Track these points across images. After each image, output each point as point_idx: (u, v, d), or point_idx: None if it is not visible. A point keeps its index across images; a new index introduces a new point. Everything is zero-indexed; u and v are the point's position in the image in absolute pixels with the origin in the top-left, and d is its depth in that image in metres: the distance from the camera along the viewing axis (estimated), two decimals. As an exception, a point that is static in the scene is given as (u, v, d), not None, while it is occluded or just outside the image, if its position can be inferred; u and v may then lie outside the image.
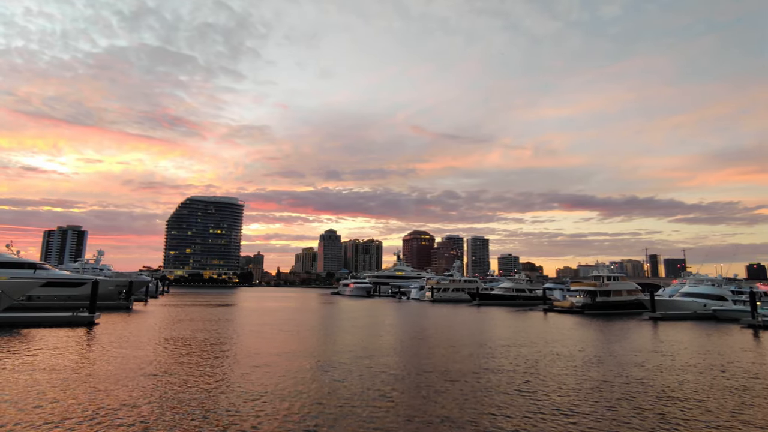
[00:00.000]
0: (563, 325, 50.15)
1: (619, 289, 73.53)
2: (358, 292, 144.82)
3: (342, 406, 15.95)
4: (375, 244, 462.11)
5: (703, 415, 15.77)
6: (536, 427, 14.06)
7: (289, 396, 17.26)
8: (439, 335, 39.21)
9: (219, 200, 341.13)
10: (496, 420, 14.77)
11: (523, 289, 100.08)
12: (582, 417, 15.23)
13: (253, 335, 36.88)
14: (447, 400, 17.15)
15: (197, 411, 15.08)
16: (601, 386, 19.92)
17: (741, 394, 19.17)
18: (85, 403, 15.73)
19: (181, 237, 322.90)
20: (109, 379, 19.49)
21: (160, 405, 15.65)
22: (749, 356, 29.92)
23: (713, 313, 60.06)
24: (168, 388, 18.14)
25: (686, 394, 18.90)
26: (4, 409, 14.77)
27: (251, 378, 20.33)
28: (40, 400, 15.87)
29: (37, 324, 38.61)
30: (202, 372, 21.45)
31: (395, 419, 14.63)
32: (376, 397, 17.32)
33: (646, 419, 15.14)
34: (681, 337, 40.27)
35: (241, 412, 15.01)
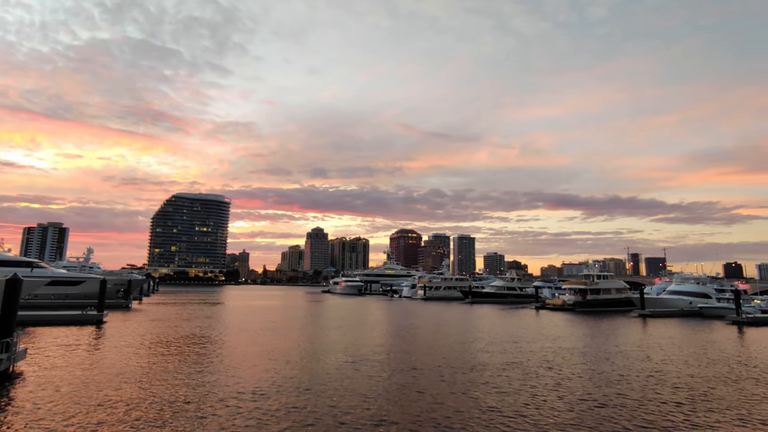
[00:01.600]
0: (558, 322, 52.02)
1: (609, 288, 76.10)
2: (349, 291, 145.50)
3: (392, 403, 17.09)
4: (362, 242, 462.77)
5: (711, 403, 17.36)
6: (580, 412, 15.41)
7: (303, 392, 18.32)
8: (444, 332, 40.54)
9: (205, 197, 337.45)
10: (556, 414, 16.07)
11: (514, 288, 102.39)
12: (613, 407, 16.65)
13: (263, 332, 37.68)
14: (491, 391, 18.43)
15: (248, 401, 16.07)
16: (620, 379, 21.45)
17: (736, 382, 20.90)
18: (143, 399, 16.58)
19: (166, 234, 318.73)
20: (146, 375, 20.27)
21: (205, 397, 16.59)
22: (740, 350, 31.96)
23: (699, 310, 62.82)
24: (208, 382, 19.05)
25: (693, 383, 20.54)
26: (77, 409, 15.53)
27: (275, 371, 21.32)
28: (99, 397, 16.66)
29: (48, 322, 38.78)
30: (228, 367, 22.34)
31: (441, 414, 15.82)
32: (406, 394, 18.51)
33: (668, 406, 16.64)
34: (672, 333, 42.36)
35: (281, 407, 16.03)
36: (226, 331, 37.71)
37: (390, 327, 44.81)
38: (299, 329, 41.28)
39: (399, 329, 42.79)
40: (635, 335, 40.50)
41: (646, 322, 53.33)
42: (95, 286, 64.90)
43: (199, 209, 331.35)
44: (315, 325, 46.45)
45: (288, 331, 39.12)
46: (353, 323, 48.60)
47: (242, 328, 40.43)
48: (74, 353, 25.21)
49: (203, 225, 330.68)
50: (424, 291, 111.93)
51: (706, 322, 53.73)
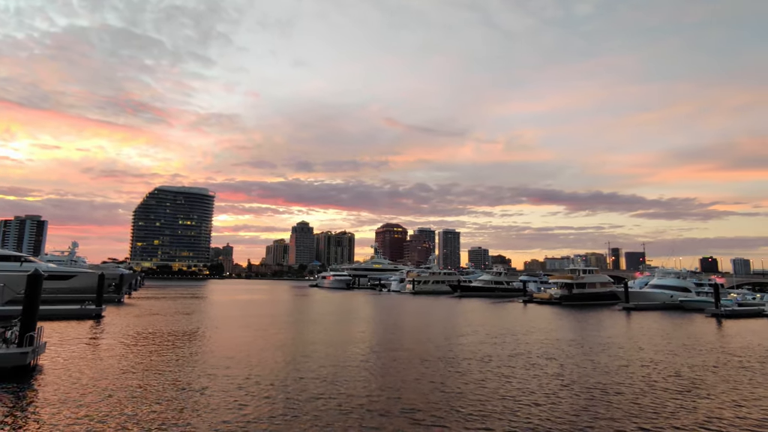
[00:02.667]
0: (548, 315, 53.80)
1: (594, 282, 78.56)
2: (337, 285, 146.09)
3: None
4: (347, 236, 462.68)
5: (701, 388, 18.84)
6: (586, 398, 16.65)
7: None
8: (442, 326, 41.72)
9: (189, 191, 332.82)
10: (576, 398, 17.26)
11: (501, 282, 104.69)
12: (623, 395, 17.96)
13: (263, 327, 38.32)
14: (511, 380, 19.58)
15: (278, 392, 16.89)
16: (619, 369, 22.87)
17: (721, 370, 22.53)
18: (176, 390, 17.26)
19: (148, 228, 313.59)
20: (162, 367, 20.89)
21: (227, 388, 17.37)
22: (721, 340, 33.94)
23: (680, 304, 65.52)
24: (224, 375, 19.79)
25: (684, 371, 22.08)
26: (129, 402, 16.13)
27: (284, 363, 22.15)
28: (122, 388, 17.27)
29: (47, 317, 38.57)
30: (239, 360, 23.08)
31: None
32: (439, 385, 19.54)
33: (667, 393, 18.04)
34: (657, 325, 44.39)
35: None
36: (228, 326, 38.23)
37: (387, 321, 45.82)
38: (303, 323, 41.99)
39: (397, 323, 43.84)
40: (624, 327, 42.37)
41: (631, 315, 55.53)
42: (86, 281, 64.52)
43: (183, 202, 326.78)
44: (315, 319, 47.14)
45: (290, 325, 39.81)
46: (350, 317, 49.45)
47: (241, 323, 40.95)
48: (88, 347, 25.57)
49: (187, 218, 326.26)
50: (413, 285, 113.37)
51: (687, 315, 56.19)
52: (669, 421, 14.36)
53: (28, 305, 20.02)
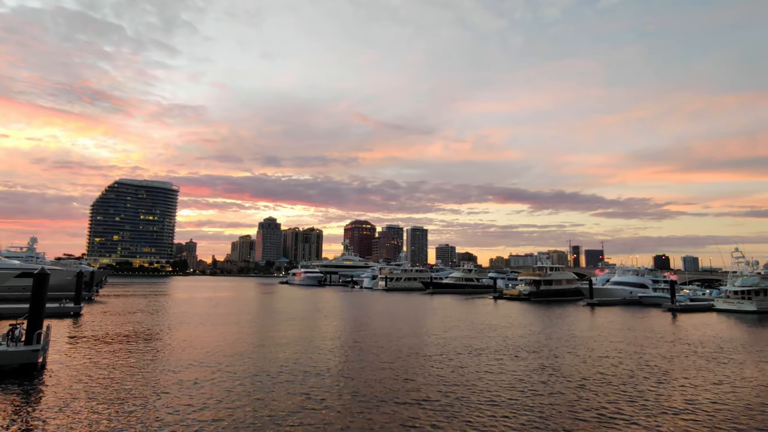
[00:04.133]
0: (520, 311, 56.57)
1: (560, 279, 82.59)
2: (308, 282, 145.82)
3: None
4: (315, 232, 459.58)
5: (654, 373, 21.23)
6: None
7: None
8: (423, 321, 43.43)
9: (151, 184, 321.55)
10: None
11: (471, 279, 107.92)
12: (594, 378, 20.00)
13: (242, 324, 38.84)
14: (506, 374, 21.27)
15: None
16: (600, 358, 25.11)
17: (681, 357, 25.22)
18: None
19: (107, 223, 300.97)
20: (157, 362, 21.46)
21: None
22: (679, 332, 37.25)
23: (639, 299, 70.11)
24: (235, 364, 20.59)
25: (650, 359, 24.57)
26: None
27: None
28: (131, 385, 17.85)
29: (23, 315, 37.56)
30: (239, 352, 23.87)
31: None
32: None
33: (637, 378, 20.24)
34: (621, 319, 47.75)
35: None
36: (207, 323, 38.50)
37: (367, 318, 47.09)
38: (288, 321, 42.66)
39: (376, 320, 45.18)
40: (592, 321, 45.41)
41: (595, 310, 59.11)
42: (55, 278, 62.34)
43: (145, 196, 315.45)
44: (296, 317, 47.81)
45: (275, 324, 40.46)
46: (329, 314, 50.39)
47: (226, 321, 41.25)
48: (86, 345, 25.57)
49: (149, 213, 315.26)
50: (385, 282, 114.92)
51: (645, 310, 60.36)
52: (638, 402, 16.40)
53: (35, 303, 20.06)
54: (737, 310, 56.54)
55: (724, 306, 58.61)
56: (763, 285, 58.25)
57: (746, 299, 56.92)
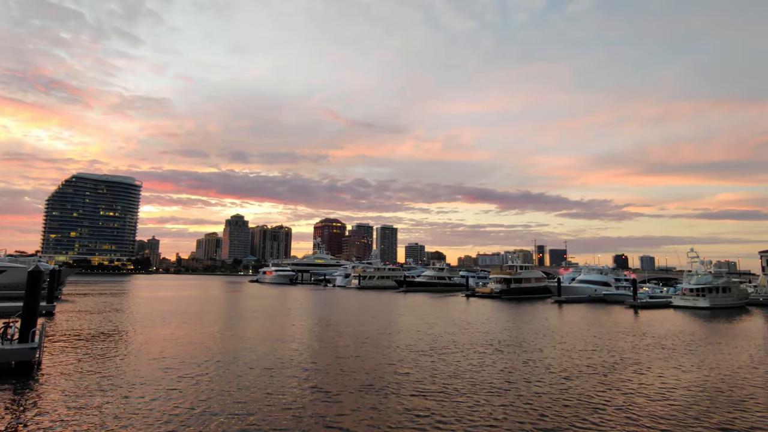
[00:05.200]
0: (494, 308, 58.65)
1: (530, 277, 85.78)
2: (280, 280, 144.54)
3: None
4: (284, 230, 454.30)
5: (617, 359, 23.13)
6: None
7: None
8: (404, 319, 44.56)
9: (112, 179, 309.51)
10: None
11: (444, 277, 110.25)
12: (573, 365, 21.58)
13: (228, 321, 38.90)
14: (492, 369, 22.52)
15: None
16: (579, 350, 26.85)
17: (644, 349, 27.39)
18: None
19: (64, 218, 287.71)
20: (150, 358, 21.64)
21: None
22: (641, 326, 39.93)
23: (603, 297, 73.87)
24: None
25: (620, 350, 26.56)
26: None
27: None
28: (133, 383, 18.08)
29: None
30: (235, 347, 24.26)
31: (455, 376, 19.55)
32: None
33: (611, 365, 21.98)
34: (590, 315, 50.47)
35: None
36: (184, 321, 38.31)
37: (348, 315, 47.81)
38: (272, 322, 42.82)
39: (359, 317, 45.98)
40: (563, 318, 47.81)
41: (562, 307, 61.99)
42: (16, 276, 59.82)
43: (105, 192, 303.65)
44: (281, 315, 47.94)
45: (258, 321, 40.61)
46: (313, 312, 50.76)
47: (208, 320, 41.05)
48: (75, 343, 25.17)
49: (109, 209, 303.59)
50: (359, 280, 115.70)
51: (609, 307, 63.75)
52: (620, 389, 18.02)
53: (29, 302, 19.77)
54: (693, 306, 60.66)
55: (680, 303, 62.72)
56: (716, 283, 62.72)
57: (701, 296, 61.16)
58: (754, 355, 26.33)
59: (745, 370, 22.18)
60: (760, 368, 22.59)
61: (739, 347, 29.30)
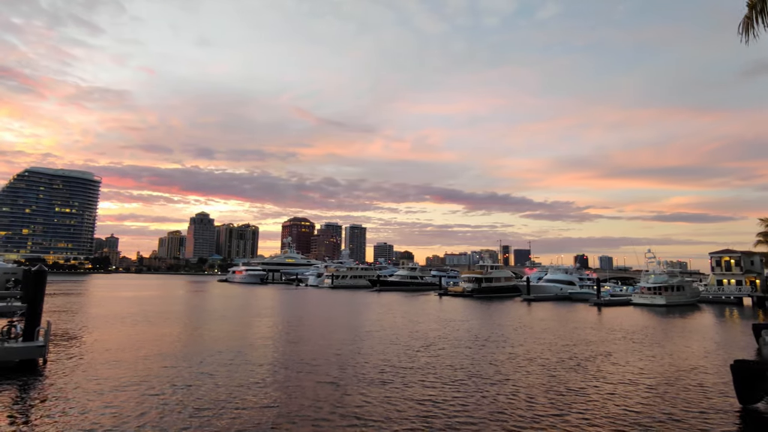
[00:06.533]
0: (467, 306, 61.01)
1: (500, 277, 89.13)
2: (250, 279, 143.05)
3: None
4: (251, 229, 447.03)
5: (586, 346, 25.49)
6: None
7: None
8: (389, 317, 46.02)
9: (68, 174, 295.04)
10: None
11: (416, 277, 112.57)
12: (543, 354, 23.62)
13: (218, 319, 39.24)
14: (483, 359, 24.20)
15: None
16: (550, 343, 29.04)
17: (610, 342, 30.01)
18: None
19: (15, 215, 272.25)
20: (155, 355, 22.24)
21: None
22: (605, 322, 43.02)
23: (569, 295, 77.86)
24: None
25: (589, 341, 28.99)
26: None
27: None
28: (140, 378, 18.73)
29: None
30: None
31: (450, 367, 21.13)
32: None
33: (588, 356, 24.18)
34: (557, 313, 53.52)
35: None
36: (168, 320, 38.41)
37: (329, 314, 48.83)
38: (250, 318, 43.25)
39: (342, 315, 47.10)
40: (535, 314, 50.53)
41: (531, 305, 65.09)
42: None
43: (60, 187, 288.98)
44: (263, 315, 48.33)
45: (239, 321, 41.05)
46: (293, 313, 51.42)
47: (194, 319, 41.13)
48: (71, 341, 25.16)
49: (65, 206, 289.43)
50: (332, 280, 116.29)
51: (574, 304, 67.39)
52: (596, 376, 20.13)
53: (33, 301, 19.92)
54: (650, 303, 65.05)
55: (639, 300, 67.12)
56: (671, 282, 67.48)
57: (657, 294, 65.67)
58: (707, 346, 29.37)
59: (700, 358, 24.93)
60: (711, 356, 25.41)
61: (694, 339, 32.47)
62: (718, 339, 33.14)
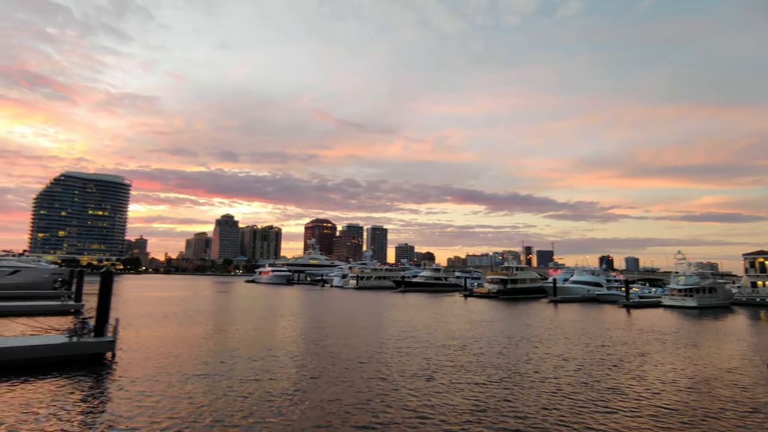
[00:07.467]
0: (494, 307, 61.40)
1: (525, 278, 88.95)
2: (277, 280, 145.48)
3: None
4: (274, 230, 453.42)
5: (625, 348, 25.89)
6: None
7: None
8: (423, 318, 46.98)
9: (101, 178, 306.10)
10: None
11: (440, 278, 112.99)
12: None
13: (260, 320, 40.92)
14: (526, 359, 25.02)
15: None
16: (587, 341, 29.55)
17: (644, 343, 30.24)
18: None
19: (52, 217, 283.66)
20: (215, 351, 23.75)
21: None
22: (637, 323, 42.95)
23: (596, 297, 77.25)
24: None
25: (627, 342, 29.35)
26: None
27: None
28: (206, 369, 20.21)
29: (27, 313, 37.63)
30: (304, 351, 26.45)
31: (488, 366, 22.03)
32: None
33: (624, 356, 24.69)
34: (588, 314, 53.45)
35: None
36: (213, 320, 40.24)
37: (364, 315, 50.06)
38: (285, 318, 44.87)
39: (375, 317, 48.29)
40: (565, 316, 50.66)
41: (558, 306, 64.94)
42: (30, 276, 60.91)
43: (94, 190, 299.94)
44: (299, 314, 49.96)
45: (281, 321, 42.66)
46: (320, 312, 52.87)
47: (242, 317, 42.95)
48: (133, 336, 27.05)
49: (98, 208, 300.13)
50: (356, 281, 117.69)
51: (603, 306, 66.94)
52: (614, 377, 20.70)
53: (103, 298, 21.71)
54: (681, 306, 64.18)
55: (670, 302, 66.25)
56: (703, 284, 66.39)
57: (689, 296, 64.74)
58: (742, 348, 29.37)
59: (737, 359, 25.10)
60: (747, 358, 25.53)
61: (729, 341, 32.41)
62: (753, 341, 33.00)
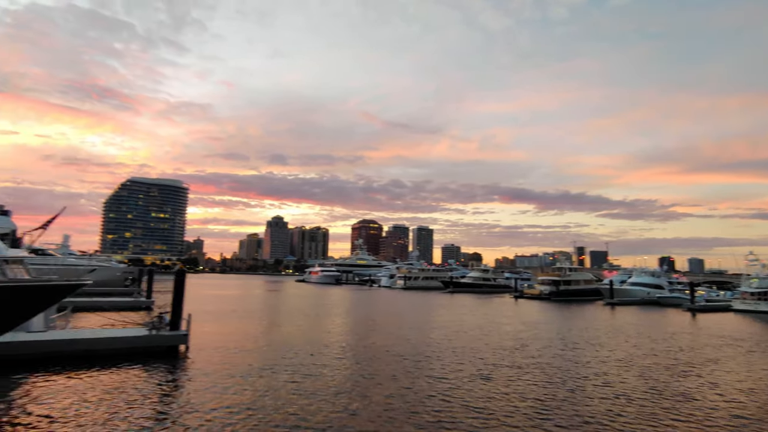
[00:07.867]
0: (549, 310, 59.79)
1: (579, 279, 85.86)
2: (326, 280, 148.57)
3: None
4: (322, 231, 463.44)
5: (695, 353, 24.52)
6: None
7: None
8: (479, 319, 46.75)
9: (162, 182, 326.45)
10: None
11: (489, 279, 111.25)
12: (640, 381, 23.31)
13: (312, 320, 42.29)
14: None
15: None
16: (652, 349, 28.44)
17: (715, 348, 28.51)
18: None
19: (119, 220, 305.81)
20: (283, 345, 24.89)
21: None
22: (705, 328, 40.49)
23: (657, 300, 73.31)
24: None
25: (695, 347, 27.87)
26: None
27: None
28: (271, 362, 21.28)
29: (107, 309, 40.87)
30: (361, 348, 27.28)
31: (546, 368, 21.77)
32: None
33: (693, 361, 23.53)
34: (649, 319, 50.96)
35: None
36: (285, 316, 41.93)
37: (418, 315, 50.44)
38: (346, 315, 46.10)
39: (429, 317, 48.55)
40: (624, 319, 48.62)
41: (615, 309, 62.18)
42: (104, 274, 66.01)
43: (156, 194, 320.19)
44: (357, 312, 51.17)
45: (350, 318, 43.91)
46: (377, 312, 53.70)
47: (306, 315, 44.64)
48: (198, 333, 28.99)
49: (160, 211, 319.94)
50: (404, 281, 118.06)
51: (665, 310, 63.47)
52: (684, 383, 19.73)
53: (177, 295, 23.46)
54: (754, 310, 59.71)
55: (741, 306, 61.79)
56: (779, 287, 61.37)
57: (763, 300, 60.08)
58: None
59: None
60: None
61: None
62: (842, 350, 30.31)
